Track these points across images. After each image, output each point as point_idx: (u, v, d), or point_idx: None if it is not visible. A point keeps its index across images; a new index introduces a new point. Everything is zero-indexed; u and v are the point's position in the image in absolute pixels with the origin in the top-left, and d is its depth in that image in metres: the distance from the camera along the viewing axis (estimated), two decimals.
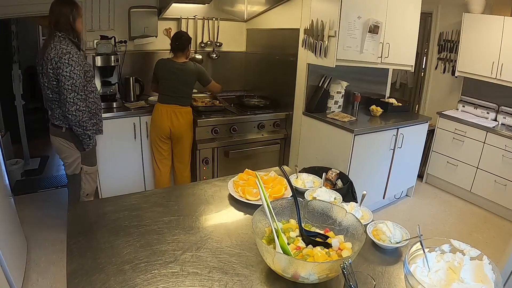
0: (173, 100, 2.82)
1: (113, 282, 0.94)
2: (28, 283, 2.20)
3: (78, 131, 2.13)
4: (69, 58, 1.97)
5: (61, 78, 1.97)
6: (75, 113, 2.05)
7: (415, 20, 3.11)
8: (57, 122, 2.15)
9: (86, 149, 2.25)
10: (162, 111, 2.82)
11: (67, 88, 1.99)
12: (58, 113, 2.13)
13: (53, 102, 2.11)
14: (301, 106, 3.16)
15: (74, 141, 2.20)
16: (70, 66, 1.97)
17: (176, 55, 2.83)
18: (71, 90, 2.00)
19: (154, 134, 2.93)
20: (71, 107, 2.03)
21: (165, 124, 2.83)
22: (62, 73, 1.96)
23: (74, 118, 2.06)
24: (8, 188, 2.34)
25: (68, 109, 2.03)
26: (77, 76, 2.01)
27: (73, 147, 2.23)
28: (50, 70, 1.98)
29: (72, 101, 2.02)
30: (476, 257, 0.95)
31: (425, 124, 3.36)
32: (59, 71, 1.96)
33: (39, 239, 2.64)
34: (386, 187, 3.26)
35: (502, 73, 3.29)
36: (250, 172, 1.59)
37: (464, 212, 3.45)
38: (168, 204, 1.39)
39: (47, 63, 1.98)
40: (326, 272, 0.92)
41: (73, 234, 1.16)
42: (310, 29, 2.86)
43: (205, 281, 0.97)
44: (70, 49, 2.00)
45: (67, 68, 1.97)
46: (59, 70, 1.96)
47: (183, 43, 2.80)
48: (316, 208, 1.16)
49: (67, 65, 1.96)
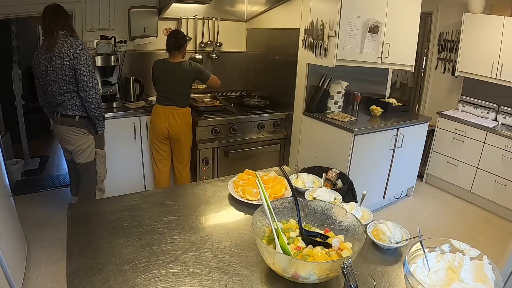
0: (169, 101, 2.80)
1: (113, 282, 0.94)
2: (28, 283, 2.20)
3: (96, 113, 2.31)
4: (83, 49, 2.20)
5: (80, 67, 2.17)
6: (95, 96, 2.24)
7: (415, 20, 3.11)
8: (70, 112, 2.30)
9: (99, 132, 2.43)
10: (159, 112, 2.82)
11: (86, 74, 2.19)
12: (72, 104, 2.29)
13: (65, 95, 2.26)
14: (301, 106, 3.16)
15: (88, 126, 2.37)
16: (85, 55, 2.20)
17: (172, 54, 2.79)
18: (90, 76, 2.21)
19: (152, 135, 2.93)
20: (91, 91, 2.22)
21: (162, 125, 2.82)
22: (80, 62, 2.16)
23: (95, 101, 2.25)
24: (8, 188, 2.34)
25: (89, 93, 2.22)
26: (92, 64, 2.26)
27: (86, 133, 2.39)
28: (66, 62, 2.15)
29: (91, 86, 2.22)
30: (476, 257, 0.95)
31: (425, 124, 3.36)
32: (77, 61, 2.16)
33: (39, 239, 2.65)
34: (386, 187, 3.26)
35: (502, 73, 3.29)
36: (250, 172, 1.59)
37: (464, 212, 3.45)
38: (168, 204, 1.39)
39: (62, 57, 2.15)
40: (326, 272, 0.92)
41: (73, 234, 1.16)
42: (310, 29, 2.86)
43: (205, 281, 0.97)
44: (80, 41, 2.23)
45: (84, 57, 2.18)
46: (76, 60, 2.16)
47: (179, 41, 2.77)
48: (316, 208, 1.16)
49: (83, 54, 2.18)
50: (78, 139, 2.38)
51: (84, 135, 2.39)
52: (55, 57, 2.17)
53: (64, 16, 2.25)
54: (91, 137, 2.44)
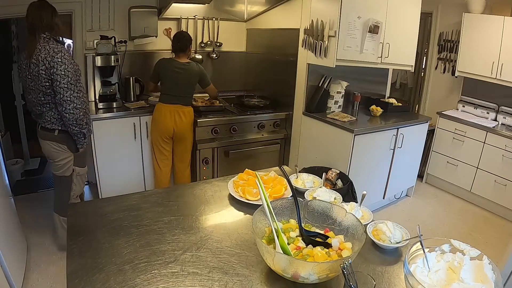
0: (176, 100, 2.81)
1: (113, 282, 0.94)
2: (28, 283, 2.20)
3: (75, 130, 2.09)
4: (62, 57, 1.95)
5: (56, 77, 1.94)
6: (72, 111, 2.02)
7: (415, 20, 3.11)
8: (48, 125, 2.11)
9: (80, 149, 2.21)
10: (165, 111, 2.81)
11: (63, 86, 1.96)
12: (50, 116, 2.09)
13: (44, 106, 2.06)
14: (301, 106, 3.16)
15: (67, 142, 2.16)
16: (64, 64, 1.95)
17: (178, 55, 2.82)
18: (67, 88, 1.97)
19: (156, 134, 2.91)
20: (68, 106, 2.00)
21: (168, 124, 2.82)
22: (56, 72, 1.93)
23: (72, 117, 2.03)
24: (8, 188, 2.34)
25: (66, 107, 2.00)
26: (72, 74, 1.98)
27: (65, 149, 2.18)
28: (42, 71, 1.94)
29: (69, 99, 1.99)
30: (476, 257, 0.95)
31: (425, 124, 3.36)
32: (53, 70, 1.93)
33: (39, 239, 2.64)
34: (386, 187, 3.26)
35: (502, 73, 3.29)
36: (250, 172, 1.59)
37: (464, 212, 3.45)
38: (168, 204, 1.39)
39: (38, 65, 1.94)
40: (326, 272, 0.92)
41: (73, 234, 1.16)
42: (310, 29, 2.86)
43: (205, 281, 0.97)
44: (61, 48, 1.98)
45: (61, 67, 1.94)
46: (53, 69, 1.93)
47: (185, 43, 2.80)
48: (316, 208, 1.16)
49: (61, 63, 1.94)
50: (57, 154, 2.18)
51: (63, 151, 2.18)
52: (33, 64, 1.95)
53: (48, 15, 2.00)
54: (70, 154, 2.22)
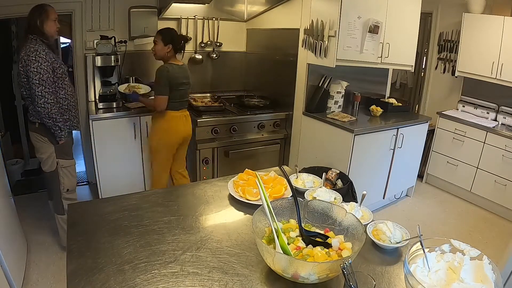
0: (183, 105, 2.73)
1: (113, 282, 0.94)
2: (28, 283, 2.20)
3: (49, 123, 2.22)
4: (36, 55, 2.10)
5: (30, 74, 2.10)
6: (43, 105, 2.15)
7: (415, 20, 3.11)
8: (31, 118, 2.27)
9: (59, 142, 2.33)
10: (178, 118, 2.68)
11: (35, 82, 2.11)
12: (31, 109, 2.26)
13: (27, 100, 2.25)
14: (301, 106, 3.16)
15: (48, 135, 2.30)
16: (37, 62, 2.10)
17: (175, 57, 2.65)
18: (39, 84, 2.12)
19: (167, 144, 2.71)
20: (39, 100, 2.14)
21: (182, 131, 2.72)
22: (30, 69, 2.09)
23: (43, 111, 2.16)
24: (8, 188, 2.34)
25: (37, 102, 2.14)
26: (44, 71, 2.13)
27: (47, 141, 2.32)
28: (21, 69, 2.13)
29: (40, 94, 2.13)
30: (476, 257, 0.95)
31: (425, 124, 3.36)
32: (28, 68, 2.10)
33: (39, 239, 2.65)
34: (386, 187, 3.26)
35: (502, 73, 3.29)
36: (250, 172, 1.59)
37: (464, 212, 3.45)
38: (168, 204, 1.39)
39: (18, 63, 2.14)
40: (326, 272, 0.92)
41: (73, 234, 1.16)
42: (310, 29, 2.86)
43: (205, 281, 0.97)
44: (38, 47, 2.13)
45: (34, 64, 2.10)
46: (28, 67, 2.09)
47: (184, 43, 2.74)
48: (316, 208, 1.16)
49: (34, 61, 2.10)
50: (41, 146, 2.33)
51: (45, 144, 2.32)
52: (18, 62, 2.18)
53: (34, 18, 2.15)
54: (51, 147, 2.34)
